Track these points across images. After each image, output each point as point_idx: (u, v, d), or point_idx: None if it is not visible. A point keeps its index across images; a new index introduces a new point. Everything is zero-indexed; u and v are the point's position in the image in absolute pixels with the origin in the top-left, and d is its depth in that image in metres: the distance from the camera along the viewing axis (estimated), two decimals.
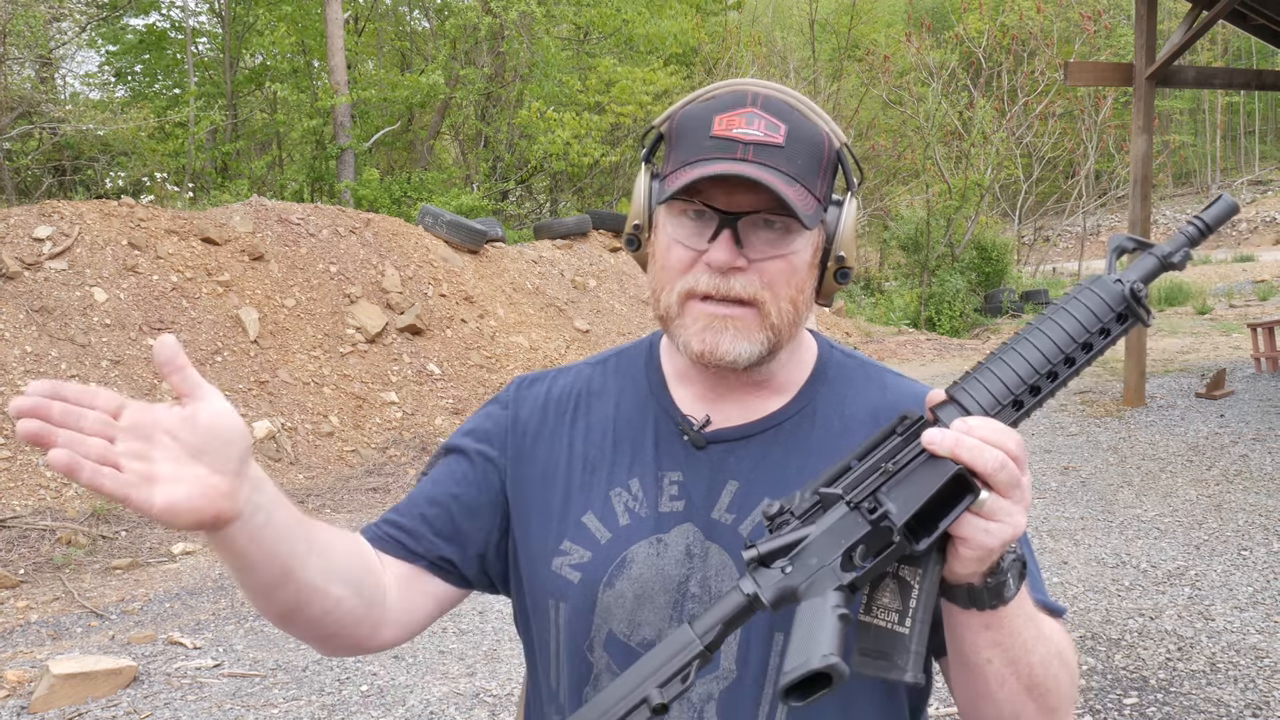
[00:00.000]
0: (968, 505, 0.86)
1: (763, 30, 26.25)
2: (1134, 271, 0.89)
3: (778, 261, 1.03)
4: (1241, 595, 4.85)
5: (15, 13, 13.29)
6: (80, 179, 16.39)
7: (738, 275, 1.02)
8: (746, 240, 1.02)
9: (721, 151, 1.00)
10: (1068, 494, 6.88)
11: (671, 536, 1.07)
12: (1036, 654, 0.97)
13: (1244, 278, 25.30)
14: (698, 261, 1.03)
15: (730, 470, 1.08)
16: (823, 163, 1.05)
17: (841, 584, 0.87)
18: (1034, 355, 0.88)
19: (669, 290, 1.05)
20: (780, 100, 1.05)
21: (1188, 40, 9.57)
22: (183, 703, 4.14)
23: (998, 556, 0.90)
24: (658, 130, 1.11)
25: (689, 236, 1.03)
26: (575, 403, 1.16)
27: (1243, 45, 36.16)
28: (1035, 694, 0.98)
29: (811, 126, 1.05)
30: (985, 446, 0.85)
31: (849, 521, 0.89)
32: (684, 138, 1.05)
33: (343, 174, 16.75)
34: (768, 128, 1.02)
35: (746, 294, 1.02)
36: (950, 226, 19.55)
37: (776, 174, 1.00)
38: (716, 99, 1.06)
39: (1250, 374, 10.98)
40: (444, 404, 9.84)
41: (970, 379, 0.90)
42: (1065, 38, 22.86)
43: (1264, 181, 39.34)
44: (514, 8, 17.13)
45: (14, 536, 6.38)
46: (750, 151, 1.00)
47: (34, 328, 8.07)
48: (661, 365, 1.16)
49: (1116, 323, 0.88)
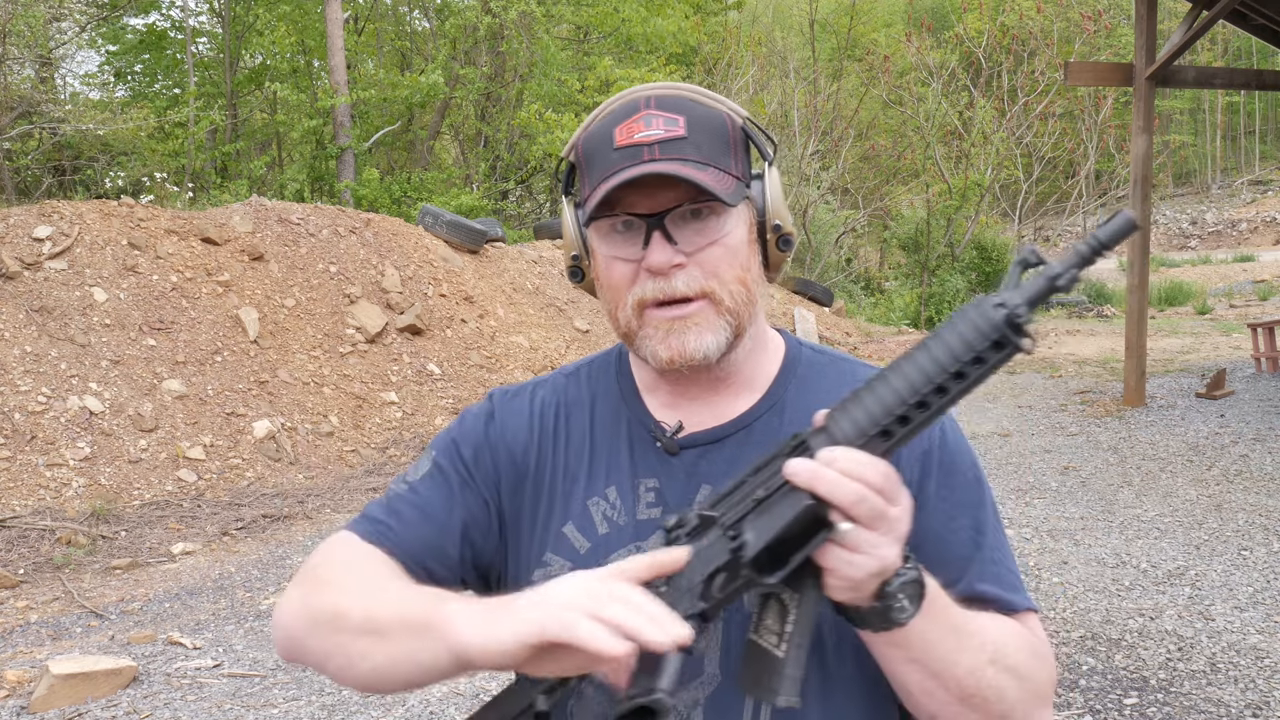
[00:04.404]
0: (821, 540, 0.85)
1: (763, 30, 26.24)
2: (1020, 294, 0.84)
3: (714, 248, 1.03)
4: (1241, 595, 4.85)
5: (15, 13, 13.29)
6: (80, 179, 16.39)
7: (679, 273, 1.02)
8: (678, 236, 1.02)
9: (629, 159, 1.01)
10: (1068, 494, 6.88)
11: (650, 544, 1.04)
12: (961, 665, 0.95)
13: (1244, 278, 25.30)
14: (639, 270, 1.03)
15: (703, 474, 1.08)
16: (730, 142, 1.06)
17: (691, 613, 0.86)
18: (904, 384, 0.85)
19: (623, 307, 1.05)
20: (673, 96, 1.06)
21: (1188, 40, 9.57)
22: (183, 703, 4.14)
23: (874, 585, 0.88)
24: (568, 161, 1.12)
25: (624, 249, 1.04)
26: (556, 413, 1.16)
27: (1243, 45, 36.15)
28: (971, 703, 0.96)
29: (710, 110, 1.06)
30: (844, 480, 0.83)
31: (717, 547, 0.88)
32: (591, 158, 1.05)
33: (343, 174, 16.75)
34: (666, 124, 1.02)
35: (693, 289, 1.02)
36: (950, 226, 19.56)
37: (685, 164, 1.01)
38: (611, 113, 1.06)
39: (1250, 374, 10.98)
40: (444, 404, 9.84)
41: (843, 406, 0.88)
42: (1065, 38, 22.87)
43: (1264, 181, 39.32)
44: (514, 7, 17.14)
45: (14, 536, 6.38)
46: (656, 151, 1.01)
47: (34, 328, 8.07)
48: (632, 372, 1.16)
49: (992, 350, 0.83)
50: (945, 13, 28.61)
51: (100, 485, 7.18)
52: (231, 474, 7.81)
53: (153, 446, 7.70)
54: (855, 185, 23.27)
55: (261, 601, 5.50)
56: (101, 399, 7.81)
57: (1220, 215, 37.30)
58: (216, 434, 8.11)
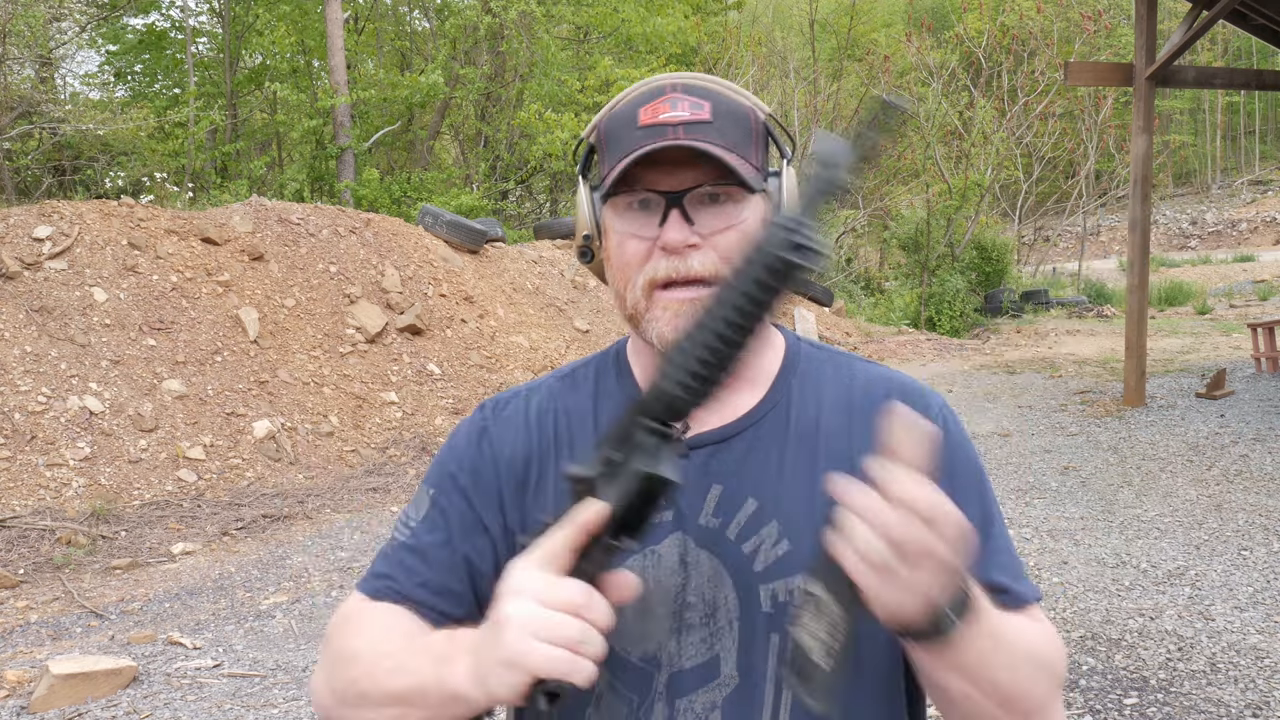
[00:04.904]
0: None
1: (763, 30, 26.24)
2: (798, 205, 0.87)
3: (730, 233, 1.02)
4: (1241, 595, 4.85)
5: (15, 13, 13.29)
6: (80, 179, 16.40)
7: (694, 253, 1.01)
8: (696, 217, 1.01)
9: (652, 137, 1.00)
10: (1068, 494, 6.88)
11: (664, 547, 1.05)
12: (1002, 670, 0.94)
13: (1244, 278, 25.32)
14: (653, 249, 1.02)
15: (713, 474, 1.07)
16: (753, 134, 1.05)
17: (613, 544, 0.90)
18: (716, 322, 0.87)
19: (632, 286, 1.04)
20: (699, 84, 1.05)
21: (1188, 40, 9.57)
22: (183, 703, 4.14)
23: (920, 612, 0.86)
24: (587, 142, 1.11)
25: (640, 227, 1.03)
26: (556, 419, 1.14)
27: (1243, 45, 36.16)
28: (1010, 705, 0.95)
29: (735, 101, 1.05)
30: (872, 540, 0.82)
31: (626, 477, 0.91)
32: (613, 137, 1.04)
33: (343, 174, 16.75)
34: (692, 107, 1.02)
35: (706, 270, 1.01)
36: (950, 226, 19.55)
37: (711, 145, 1.00)
38: (636, 96, 1.05)
39: (1250, 374, 10.98)
40: (444, 404, 9.84)
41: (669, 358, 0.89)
42: (1065, 38, 22.88)
43: (1264, 181, 39.33)
44: (514, 7, 17.14)
45: (14, 536, 6.38)
46: (680, 131, 1.00)
47: (34, 328, 8.07)
48: (633, 373, 1.14)
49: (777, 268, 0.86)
50: (945, 13, 28.61)
51: (100, 485, 7.18)
52: (231, 474, 7.81)
53: (153, 446, 7.70)
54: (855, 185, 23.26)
55: (261, 601, 5.50)
56: (101, 399, 7.81)
57: (1220, 215, 37.32)
58: (216, 434, 8.11)
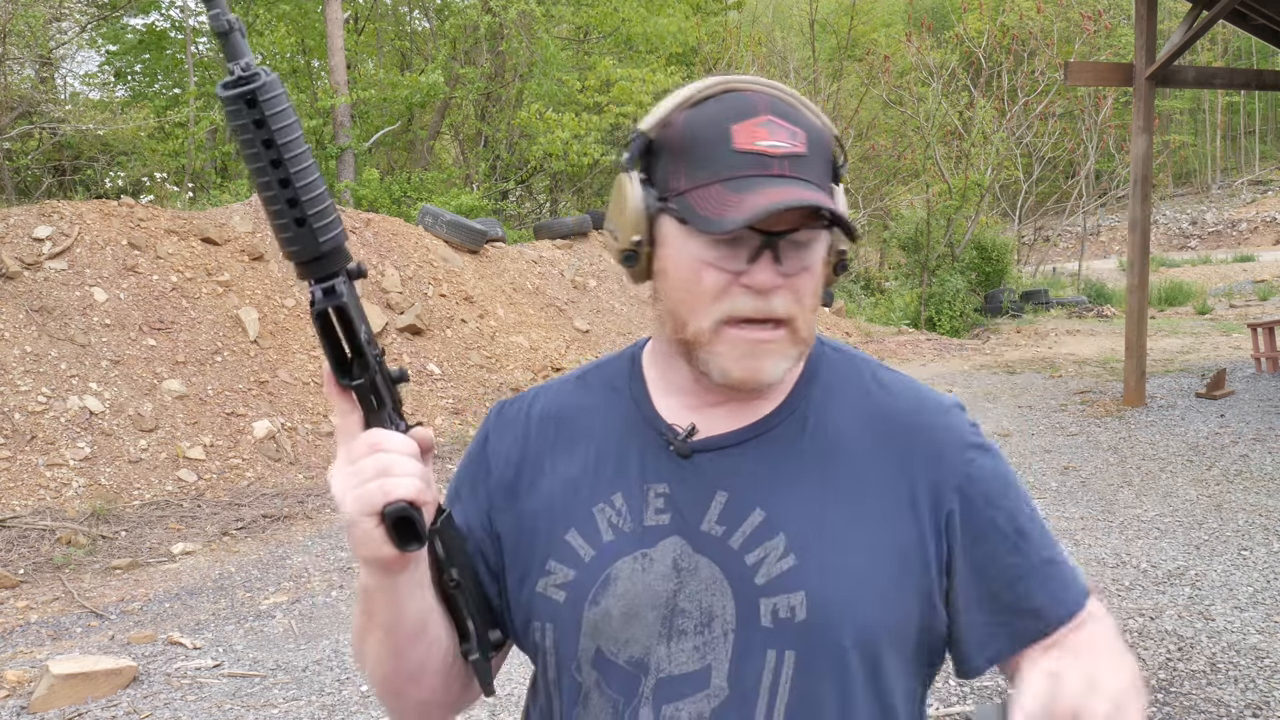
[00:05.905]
0: None
1: (763, 30, 26.25)
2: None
3: (806, 274, 0.99)
4: (1241, 595, 4.85)
5: (15, 13, 13.29)
6: (80, 179, 16.40)
7: (776, 293, 0.98)
8: (784, 257, 0.98)
9: (756, 168, 0.96)
10: (1068, 494, 6.88)
11: (658, 551, 1.03)
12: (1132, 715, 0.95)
13: (1244, 278, 25.31)
14: (733, 284, 0.98)
15: (719, 481, 1.04)
16: (831, 163, 1.02)
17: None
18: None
19: (702, 315, 0.99)
20: (784, 102, 1.00)
21: (1188, 40, 9.57)
22: (183, 703, 4.14)
23: None
24: (648, 135, 1.02)
25: (722, 258, 0.97)
26: (557, 421, 1.14)
27: (1243, 45, 36.16)
28: None
29: (817, 126, 1.01)
30: None
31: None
32: (696, 149, 0.98)
33: (342, 174, 16.75)
34: (790, 137, 0.98)
35: (786, 313, 0.98)
36: (950, 226, 19.54)
37: (816, 189, 0.97)
38: (721, 104, 0.99)
39: (1250, 374, 10.98)
40: (444, 404, 9.84)
41: None
42: (1065, 38, 22.86)
43: (1264, 181, 39.32)
44: (514, 7, 17.13)
45: (14, 536, 6.38)
46: (786, 166, 0.96)
47: (34, 328, 8.07)
48: (644, 376, 1.13)
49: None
50: (945, 13, 28.60)
51: (100, 485, 7.18)
52: (231, 474, 7.81)
53: (153, 446, 7.71)
54: (855, 185, 23.26)
55: (261, 602, 5.50)
56: (101, 399, 7.81)
57: (1220, 215, 37.31)
58: (216, 434, 8.11)
